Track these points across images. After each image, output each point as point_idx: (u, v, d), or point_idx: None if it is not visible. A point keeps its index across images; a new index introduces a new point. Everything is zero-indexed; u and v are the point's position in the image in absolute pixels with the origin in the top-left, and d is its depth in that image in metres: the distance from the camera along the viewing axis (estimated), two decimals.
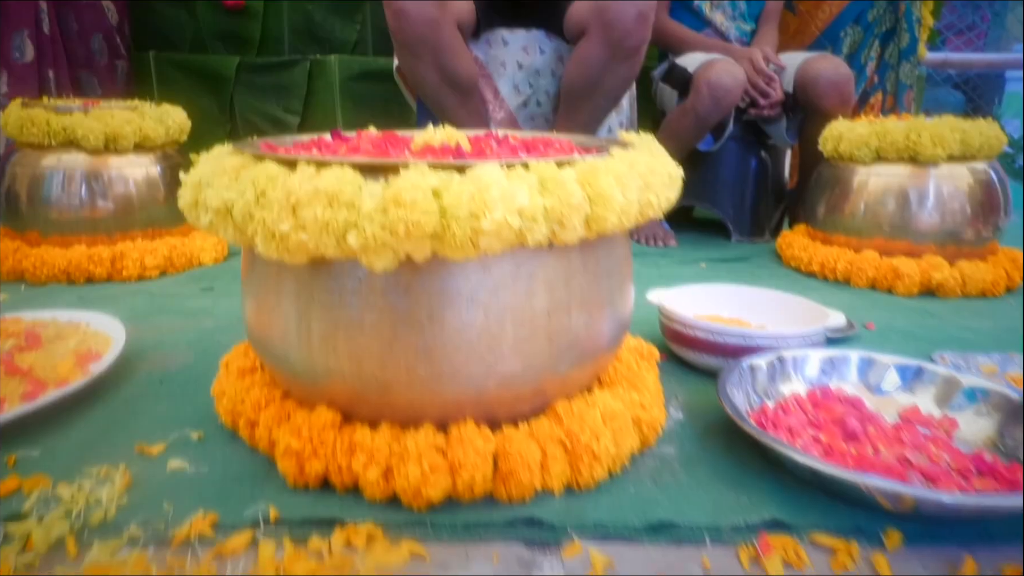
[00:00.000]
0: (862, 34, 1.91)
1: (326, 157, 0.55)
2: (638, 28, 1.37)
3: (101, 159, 1.27)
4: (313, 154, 0.67)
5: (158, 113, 1.31)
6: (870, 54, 1.93)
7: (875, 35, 1.92)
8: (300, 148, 0.73)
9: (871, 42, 1.92)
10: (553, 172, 0.54)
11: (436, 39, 1.38)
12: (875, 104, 1.96)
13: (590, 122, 1.56)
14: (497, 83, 1.58)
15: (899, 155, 1.29)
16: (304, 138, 0.80)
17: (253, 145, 0.70)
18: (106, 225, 1.28)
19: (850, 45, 1.92)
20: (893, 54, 1.93)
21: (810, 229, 1.47)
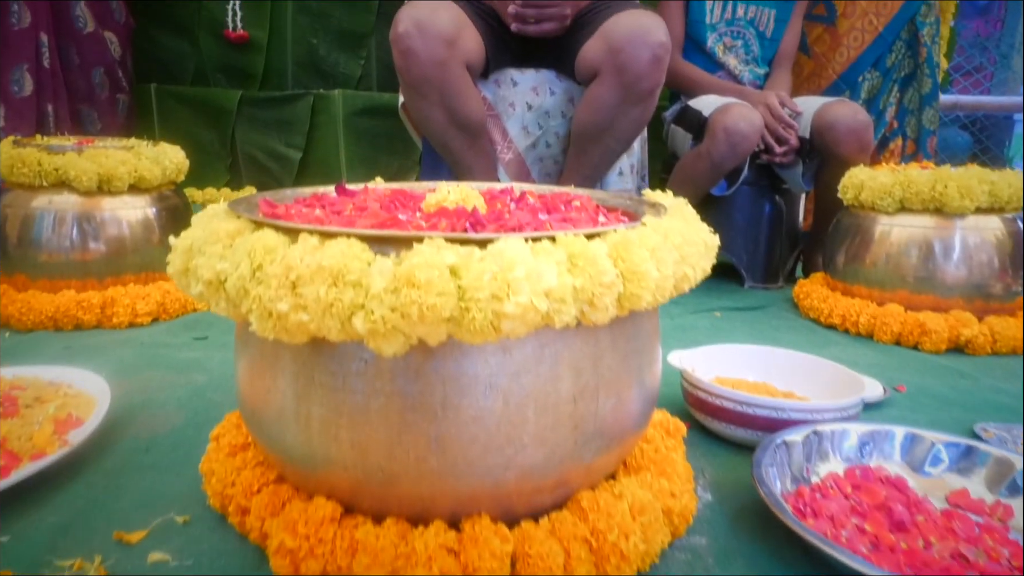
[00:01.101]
0: (881, 79, 1.88)
1: (330, 228, 0.49)
2: (652, 72, 1.34)
3: (94, 200, 1.22)
4: (315, 213, 0.62)
5: (155, 153, 1.27)
6: (889, 99, 1.90)
7: (894, 80, 1.89)
8: (301, 205, 0.68)
9: (890, 87, 1.89)
10: (583, 247, 0.49)
11: (444, 80, 1.34)
12: (895, 150, 1.92)
13: (601, 165, 1.52)
14: (506, 124, 1.54)
15: (924, 206, 1.24)
16: (306, 192, 0.75)
17: (250, 204, 0.65)
18: (97, 269, 1.22)
19: (868, 90, 1.89)
20: (913, 99, 1.90)
21: (829, 279, 1.41)
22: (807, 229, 1.85)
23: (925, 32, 1.87)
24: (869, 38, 1.87)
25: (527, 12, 1.38)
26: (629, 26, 1.33)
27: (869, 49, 1.87)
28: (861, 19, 1.86)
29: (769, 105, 1.54)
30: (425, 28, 1.30)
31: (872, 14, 1.86)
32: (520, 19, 1.39)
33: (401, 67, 1.34)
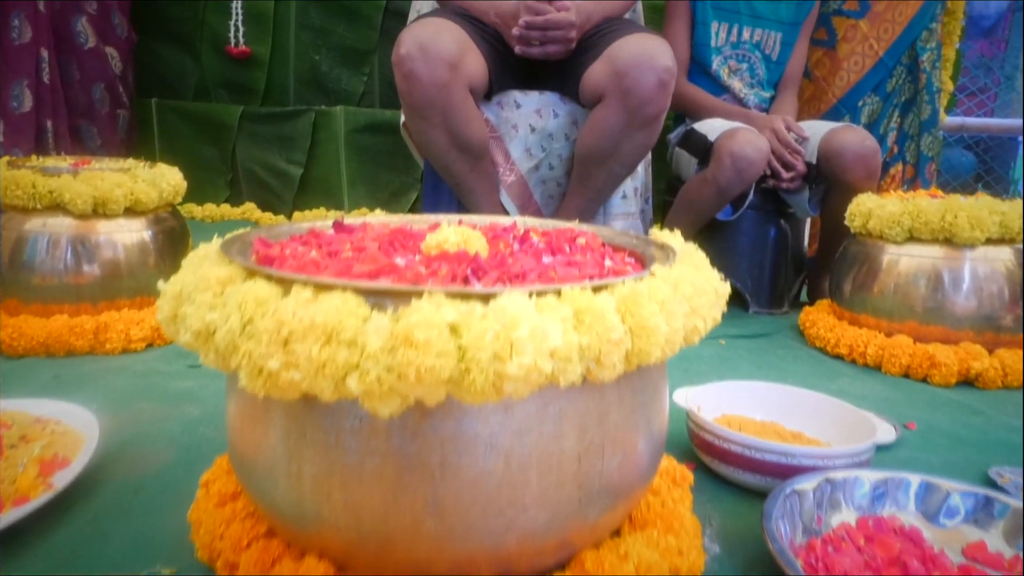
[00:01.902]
0: (881, 104, 1.86)
1: (325, 279, 0.47)
2: (658, 96, 1.32)
3: (89, 223, 1.19)
4: (311, 255, 0.59)
5: (152, 175, 1.25)
6: (890, 124, 1.88)
7: (894, 105, 1.87)
8: (297, 243, 0.66)
9: (890, 112, 1.87)
10: (590, 302, 0.46)
11: (447, 103, 1.32)
12: (896, 175, 1.90)
13: (605, 189, 1.50)
14: (508, 146, 1.52)
15: (933, 236, 1.22)
16: (303, 227, 0.73)
17: (244, 243, 0.62)
18: (91, 293, 1.20)
19: (869, 115, 1.87)
20: (913, 125, 1.88)
21: (835, 306, 1.39)
22: (812, 254, 1.82)
23: (925, 58, 1.85)
24: (869, 63, 1.85)
25: (531, 35, 1.36)
26: (635, 50, 1.32)
27: (869, 74, 1.86)
28: (861, 44, 1.85)
29: (775, 130, 1.52)
30: (428, 50, 1.28)
31: (872, 39, 1.84)
32: (524, 41, 1.38)
33: (403, 90, 1.32)
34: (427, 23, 1.33)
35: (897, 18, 1.83)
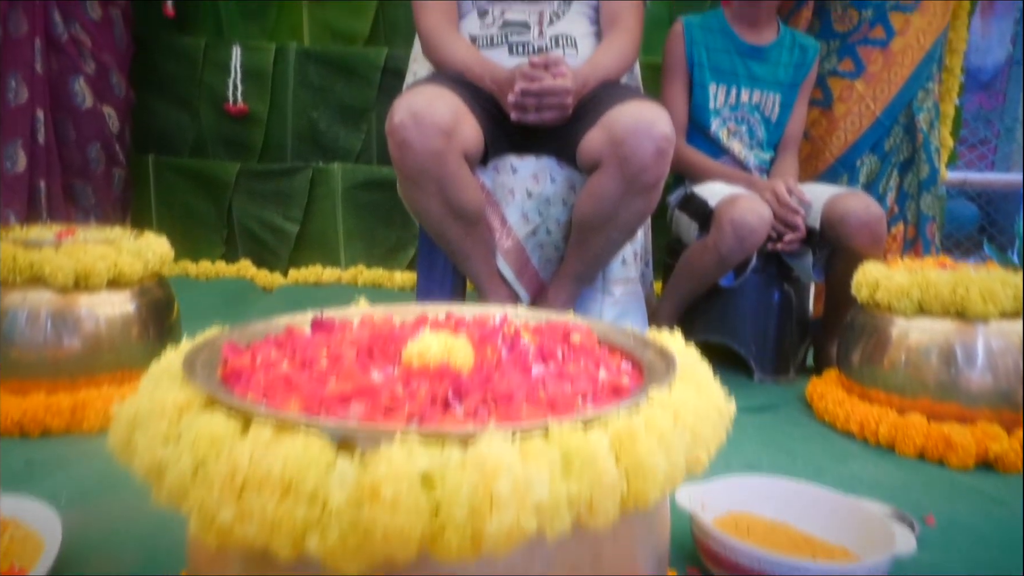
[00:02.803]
0: (879, 163, 1.84)
1: (288, 416, 0.42)
2: (656, 164, 1.29)
3: (70, 297, 1.16)
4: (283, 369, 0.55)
5: (137, 246, 1.21)
6: (888, 184, 1.85)
7: (892, 164, 1.85)
8: (272, 345, 0.62)
9: (889, 171, 1.85)
10: (580, 443, 0.42)
11: (441, 172, 1.29)
12: (897, 235, 1.87)
13: (603, 255, 1.47)
14: (505, 211, 1.49)
15: (944, 309, 1.17)
16: (281, 324, 0.69)
17: (213, 349, 0.58)
18: (70, 368, 1.16)
19: (867, 174, 1.84)
20: (912, 184, 1.86)
21: (844, 379, 1.34)
22: (817, 316, 1.78)
23: (922, 118, 1.83)
24: (866, 123, 1.83)
25: (527, 102, 1.34)
26: (632, 118, 1.29)
27: (866, 133, 1.84)
28: (858, 104, 1.83)
29: (776, 192, 1.49)
30: (422, 119, 1.26)
31: (869, 99, 1.83)
32: (520, 109, 1.36)
33: (397, 158, 1.30)
34: (421, 91, 1.32)
35: (892, 78, 1.82)
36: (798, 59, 1.67)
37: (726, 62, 1.65)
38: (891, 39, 1.80)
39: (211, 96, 2.31)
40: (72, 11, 1.97)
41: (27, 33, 1.91)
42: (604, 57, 1.50)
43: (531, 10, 1.56)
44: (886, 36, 1.80)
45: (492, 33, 1.55)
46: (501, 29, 1.55)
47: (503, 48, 1.54)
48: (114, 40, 2.07)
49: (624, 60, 1.53)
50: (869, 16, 1.80)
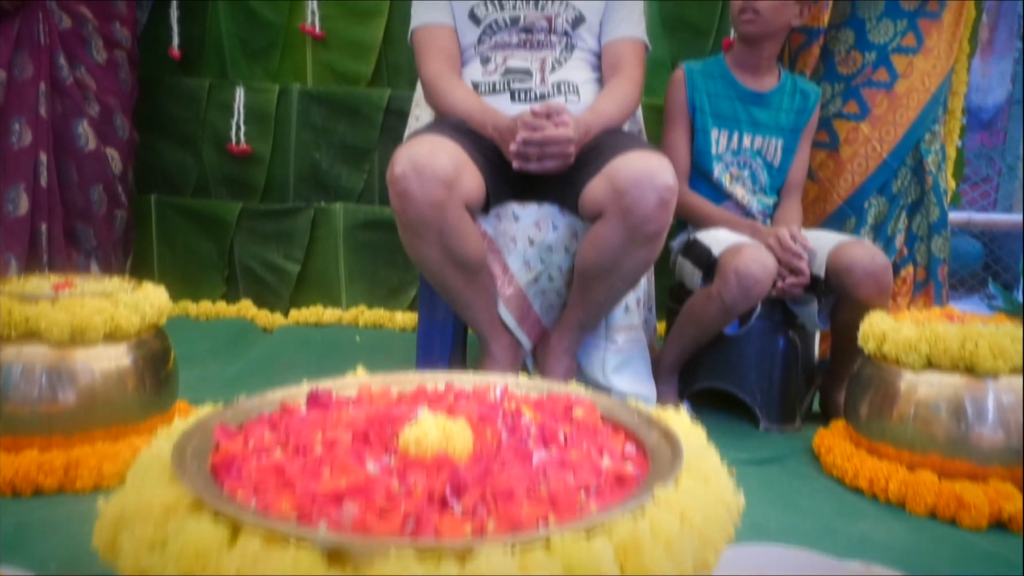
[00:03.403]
0: (887, 205, 1.84)
1: (279, 526, 0.41)
2: (659, 215, 1.28)
3: (65, 352, 1.14)
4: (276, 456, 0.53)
5: (134, 299, 1.20)
6: (897, 226, 1.85)
7: (901, 206, 1.85)
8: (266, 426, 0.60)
9: (897, 213, 1.84)
10: (583, 554, 0.40)
11: (442, 222, 1.29)
12: (906, 277, 1.85)
13: (606, 303, 1.45)
14: (507, 259, 1.48)
15: (953, 364, 1.15)
16: (275, 398, 0.67)
17: (205, 432, 0.56)
18: (64, 424, 1.14)
19: (875, 216, 1.84)
20: (922, 226, 1.85)
21: (852, 431, 1.32)
22: (823, 357, 1.76)
23: (930, 160, 1.83)
24: (873, 164, 1.83)
25: (529, 151, 1.34)
26: (635, 168, 1.29)
27: (873, 175, 1.84)
28: (864, 145, 1.84)
29: (780, 238, 1.48)
30: (423, 170, 1.26)
31: (875, 141, 1.83)
32: (522, 158, 1.35)
33: (398, 208, 1.29)
34: (422, 141, 1.31)
35: (898, 121, 1.82)
36: (799, 104, 1.68)
37: (727, 107, 1.65)
38: (895, 81, 1.81)
39: (214, 136, 2.32)
40: (77, 55, 1.98)
41: (32, 77, 1.92)
42: (606, 104, 1.50)
43: (533, 57, 1.57)
44: (890, 79, 1.81)
45: (494, 80, 1.56)
46: (503, 76, 1.56)
47: (505, 95, 1.54)
48: (119, 82, 2.08)
49: (626, 107, 1.53)
50: (872, 59, 1.81)
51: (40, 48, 1.92)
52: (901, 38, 1.80)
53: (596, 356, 1.54)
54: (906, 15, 1.79)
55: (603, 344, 1.54)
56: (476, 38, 1.58)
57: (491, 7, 1.57)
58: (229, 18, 2.29)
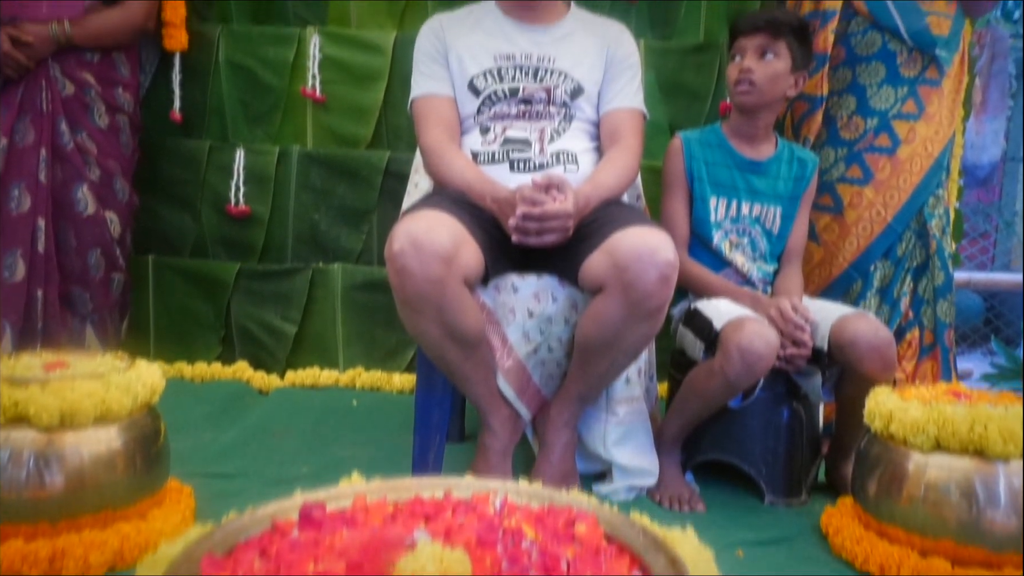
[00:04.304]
0: (892, 268, 1.84)
1: None
2: (660, 290, 1.28)
3: (54, 436, 1.12)
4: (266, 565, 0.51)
5: (126, 380, 1.18)
6: (903, 289, 1.84)
7: (906, 270, 1.84)
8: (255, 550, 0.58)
9: (903, 277, 1.84)
10: None
11: (441, 298, 1.28)
12: (912, 341, 1.84)
13: (607, 376, 1.44)
14: (506, 330, 1.47)
15: (962, 446, 1.13)
16: (267, 513, 0.65)
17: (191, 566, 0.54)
18: (50, 510, 1.11)
19: (881, 279, 1.83)
20: (927, 290, 1.85)
21: (860, 511, 1.28)
22: (827, 421, 1.73)
23: (934, 224, 1.84)
24: (878, 228, 1.84)
25: (528, 226, 1.33)
26: (635, 244, 1.28)
27: (878, 239, 1.84)
28: (868, 209, 1.84)
29: (781, 310, 1.47)
30: (422, 246, 1.25)
31: (879, 205, 1.83)
32: (521, 231, 1.35)
33: (396, 285, 1.28)
34: (420, 216, 1.31)
35: (902, 185, 1.83)
36: (797, 172, 1.68)
37: (725, 176, 1.66)
38: (897, 147, 1.82)
39: (213, 198, 2.32)
40: (79, 120, 1.98)
41: (33, 143, 1.92)
42: (606, 176, 1.50)
43: (532, 128, 1.58)
44: (892, 144, 1.83)
45: (494, 150, 1.57)
46: (503, 146, 1.56)
47: (504, 165, 1.55)
48: (120, 146, 2.08)
49: (625, 178, 1.54)
50: (874, 125, 1.83)
51: (42, 115, 1.93)
52: (902, 104, 1.82)
53: (597, 428, 1.52)
54: (906, 82, 1.82)
55: (604, 416, 1.52)
56: (475, 108, 1.60)
57: (491, 78, 1.59)
58: (231, 82, 2.31)
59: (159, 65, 2.30)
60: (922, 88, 1.82)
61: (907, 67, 1.82)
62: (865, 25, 1.85)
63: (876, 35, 1.84)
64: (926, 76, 1.82)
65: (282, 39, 2.29)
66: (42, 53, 1.91)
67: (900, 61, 1.82)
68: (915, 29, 1.79)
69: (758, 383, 1.43)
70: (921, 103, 1.82)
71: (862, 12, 1.84)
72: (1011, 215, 2.90)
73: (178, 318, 2.35)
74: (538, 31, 1.62)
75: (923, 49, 1.80)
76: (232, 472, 1.59)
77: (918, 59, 1.81)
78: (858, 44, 1.86)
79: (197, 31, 2.28)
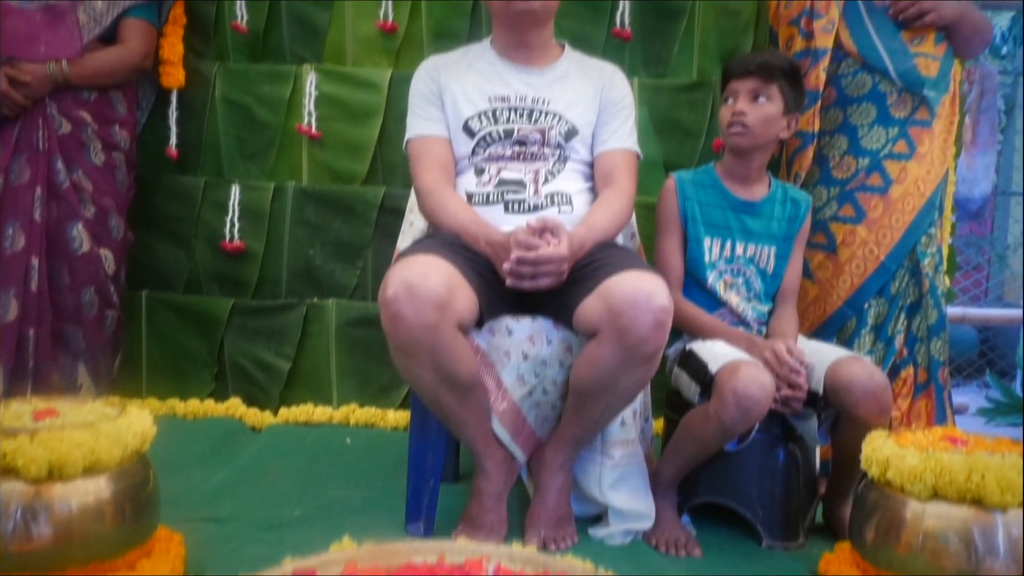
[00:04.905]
0: (887, 306, 1.84)
1: None
2: (655, 336, 1.27)
3: (43, 487, 1.10)
4: None
5: (116, 429, 1.17)
6: (897, 327, 1.85)
7: (900, 307, 1.85)
8: None
9: (896, 314, 1.85)
10: None
11: (435, 343, 1.27)
12: (907, 379, 1.84)
13: (601, 419, 1.43)
14: (500, 373, 1.46)
15: (960, 495, 1.12)
16: None
17: None
18: (37, 563, 1.09)
19: (875, 316, 1.84)
20: (921, 328, 1.85)
21: (858, 558, 1.27)
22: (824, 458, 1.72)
23: (927, 263, 1.85)
24: (871, 267, 1.84)
25: (523, 270, 1.34)
26: (630, 289, 1.28)
27: (872, 277, 1.84)
28: (862, 248, 1.85)
29: (776, 352, 1.47)
30: (415, 292, 1.25)
31: (872, 244, 1.84)
32: (516, 275, 1.35)
33: (390, 330, 1.28)
34: (415, 261, 1.31)
35: (894, 224, 1.84)
36: (791, 212, 1.69)
37: (719, 216, 1.66)
38: (889, 186, 1.84)
39: (208, 234, 2.32)
40: (75, 159, 1.99)
41: (28, 182, 1.93)
42: (600, 218, 1.51)
43: (527, 169, 1.59)
44: (884, 184, 1.84)
45: (488, 191, 1.57)
46: (497, 187, 1.57)
47: (499, 206, 1.55)
48: (115, 184, 2.08)
49: (620, 219, 1.55)
50: (866, 164, 1.85)
51: (38, 153, 1.93)
52: (893, 145, 1.83)
53: (592, 471, 1.51)
54: (897, 123, 1.84)
55: (599, 459, 1.51)
56: (470, 149, 1.60)
57: (485, 120, 1.60)
58: (227, 119, 2.33)
59: (155, 102, 2.31)
60: (912, 129, 1.84)
61: (897, 108, 1.84)
62: (855, 66, 1.87)
63: (866, 76, 1.86)
64: (916, 117, 1.84)
65: (278, 76, 2.31)
66: (39, 92, 1.92)
67: (890, 102, 1.84)
68: (903, 70, 1.82)
69: (754, 427, 1.42)
70: (912, 143, 1.84)
71: (852, 53, 1.87)
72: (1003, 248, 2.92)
73: (171, 354, 2.33)
74: (533, 73, 1.64)
75: (912, 89, 1.82)
76: (223, 516, 1.56)
77: (908, 100, 1.83)
78: (849, 85, 1.88)
79: (194, 68, 2.30)
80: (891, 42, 1.84)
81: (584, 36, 2.25)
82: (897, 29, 1.85)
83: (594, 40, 2.26)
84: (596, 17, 2.27)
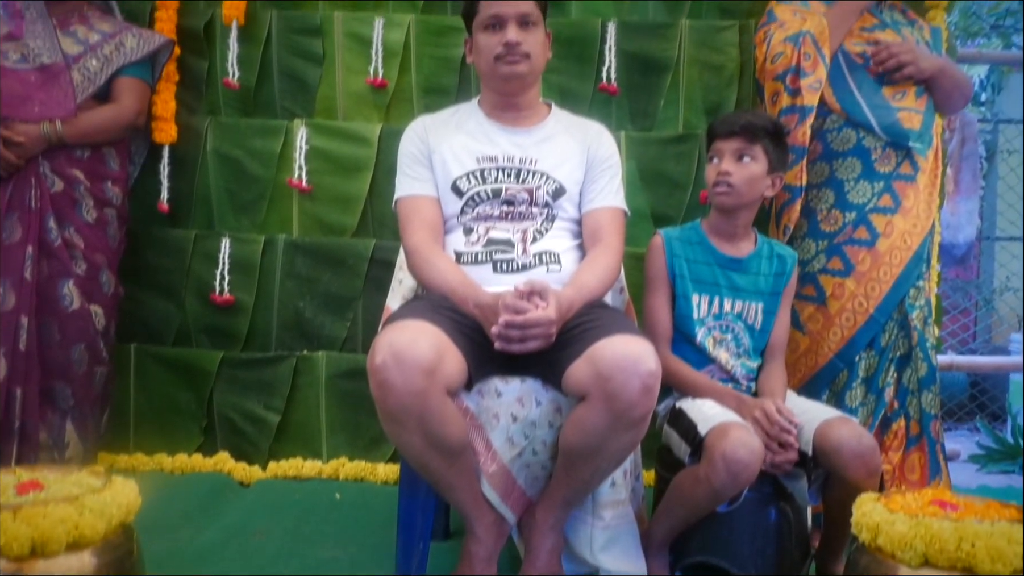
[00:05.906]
0: (877, 359, 1.85)
1: None
2: (644, 400, 1.28)
3: (25, 564, 1.08)
4: None
5: (100, 502, 1.15)
6: (887, 379, 1.86)
7: (890, 360, 1.86)
8: None
9: (887, 367, 1.86)
10: None
11: (423, 410, 1.27)
12: (898, 431, 1.85)
13: (592, 481, 1.43)
14: (490, 435, 1.46)
15: (950, 563, 1.12)
16: None
17: None
18: None
19: (866, 369, 1.85)
20: (912, 380, 1.86)
21: None
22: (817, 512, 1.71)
23: (915, 316, 1.86)
24: (861, 319, 1.86)
25: (511, 333, 1.34)
26: (618, 353, 1.29)
27: (862, 330, 1.86)
28: (851, 300, 1.87)
29: (766, 411, 1.47)
30: (403, 359, 1.25)
31: (861, 296, 1.86)
32: (504, 339, 1.35)
33: (378, 397, 1.28)
34: (403, 327, 1.31)
35: (883, 277, 1.86)
36: (777, 268, 1.71)
37: (707, 273, 1.68)
38: (876, 240, 1.86)
39: (198, 286, 2.32)
40: (67, 216, 1.99)
41: (20, 240, 1.93)
42: (588, 277, 1.52)
43: (515, 228, 1.60)
44: (871, 237, 1.87)
45: (477, 251, 1.58)
46: (486, 247, 1.58)
47: (487, 265, 1.56)
48: (107, 239, 2.09)
49: (608, 279, 1.56)
50: (852, 218, 1.87)
51: (30, 212, 1.94)
52: (878, 199, 1.86)
53: (583, 532, 1.50)
54: (882, 177, 1.87)
55: (590, 520, 1.50)
56: (459, 209, 1.62)
57: (474, 180, 1.62)
58: (218, 172, 2.34)
59: (147, 156, 2.33)
60: (897, 183, 1.87)
61: (882, 163, 1.87)
62: (840, 122, 1.91)
63: (851, 132, 1.90)
64: (901, 171, 1.88)
65: (269, 131, 2.33)
66: (33, 152, 1.93)
67: (875, 157, 1.88)
68: (886, 124, 1.85)
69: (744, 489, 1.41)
70: (897, 198, 1.87)
71: (835, 110, 1.90)
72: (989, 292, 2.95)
73: (159, 407, 2.31)
74: (520, 133, 1.66)
75: (897, 143, 1.86)
76: None
77: (892, 156, 1.87)
78: (834, 140, 1.92)
79: (186, 123, 2.32)
80: (873, 97, 1.89)
81: (572, 91, 2.29)
82: (879, 85, 1.89)
83: (581, 95, 2.30)
84: (583, 72, 2.31)
